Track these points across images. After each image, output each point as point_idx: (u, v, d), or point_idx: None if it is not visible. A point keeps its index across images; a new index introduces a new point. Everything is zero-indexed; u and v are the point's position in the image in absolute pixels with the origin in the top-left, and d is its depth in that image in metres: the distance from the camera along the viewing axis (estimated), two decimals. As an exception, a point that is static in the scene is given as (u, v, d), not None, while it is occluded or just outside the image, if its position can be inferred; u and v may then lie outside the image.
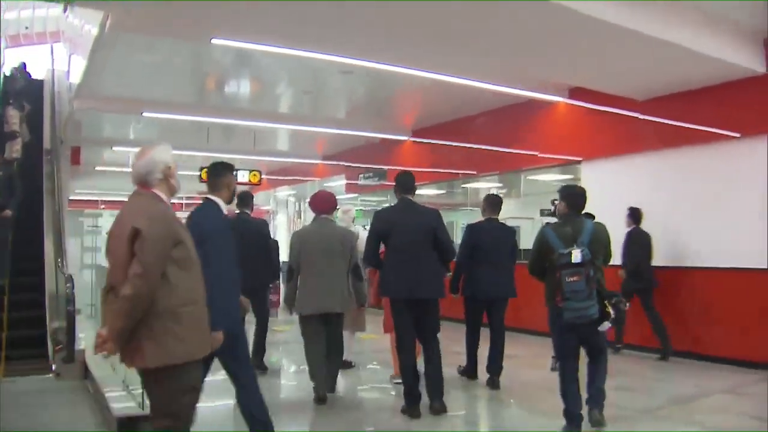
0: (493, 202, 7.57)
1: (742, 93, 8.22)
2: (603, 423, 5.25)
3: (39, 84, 14.24)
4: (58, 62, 14.84)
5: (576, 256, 4.91)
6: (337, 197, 7.12)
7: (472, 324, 7.44)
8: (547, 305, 5.37)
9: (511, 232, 7.68)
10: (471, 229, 7.62)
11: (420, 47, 7.63)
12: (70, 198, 17.02)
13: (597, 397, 5.30)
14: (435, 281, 5.93)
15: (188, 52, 9.09)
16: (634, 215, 8.90)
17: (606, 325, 5.02)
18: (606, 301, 5.01)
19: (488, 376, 7.15)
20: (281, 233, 21.91)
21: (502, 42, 7.33)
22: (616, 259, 7.84)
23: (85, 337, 8.08)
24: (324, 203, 6.70)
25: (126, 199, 3.56)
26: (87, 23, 9.15)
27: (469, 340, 7.48)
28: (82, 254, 15.58)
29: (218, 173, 4.72)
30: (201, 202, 4.53)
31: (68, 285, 7.85)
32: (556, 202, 6.15)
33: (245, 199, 7.94)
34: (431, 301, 5.96)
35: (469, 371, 7.47)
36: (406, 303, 5.88)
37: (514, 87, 9.13)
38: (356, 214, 10.99)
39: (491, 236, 7.33)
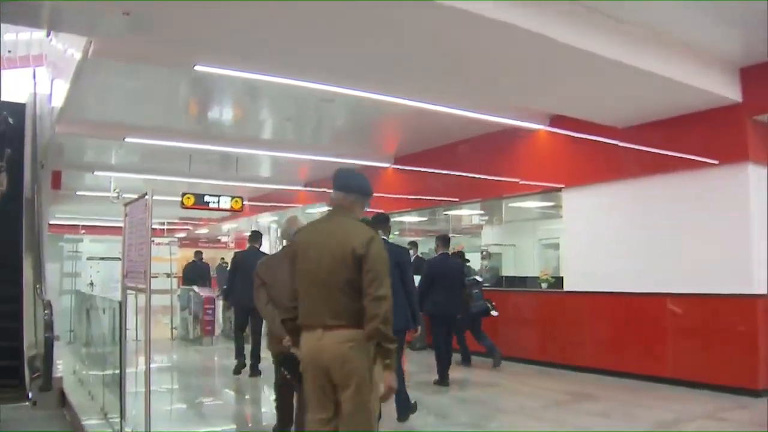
0: (444, 240, 9.55)
1: (719, 121, 8.34)
2: None
3: (21, 109, 14.16)
4: (40, 86, 14.78)
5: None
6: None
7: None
8: None
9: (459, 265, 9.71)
10: (429, 264, 9.69)
11: (401, 76, 7.69)
12: (50, 222, 16.89)
13: None
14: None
15: (171, 78, 9.09)
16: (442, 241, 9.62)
17: None
18: None
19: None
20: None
21: (484, 70, 7.40)
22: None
23: (63, 364, 7.97)
24: None
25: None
26: (70, 47, 9.13)
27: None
28: (62, 280, 15.39)
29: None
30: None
31: (47, 311, 7.75)
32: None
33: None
34: None
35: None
36: None
37: (495, 115, 9.23)
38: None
39: (445, 267, 9.21)
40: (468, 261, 11.71)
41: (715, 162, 8.33)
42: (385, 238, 6.49)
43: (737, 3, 6.28)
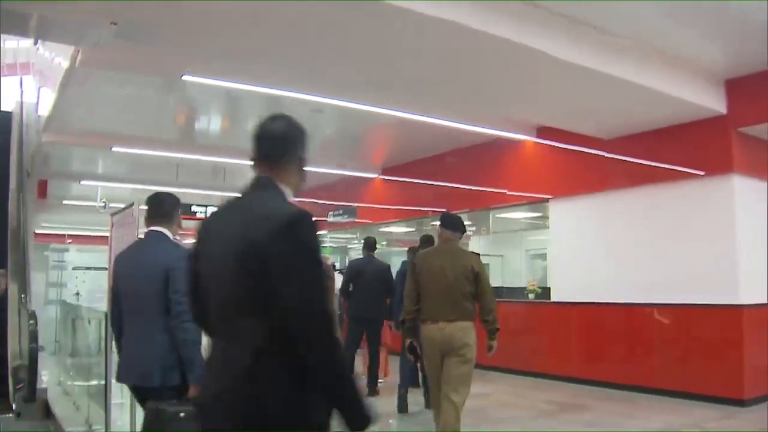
0: (369, 243, 9.47)
1: (705, 132, 8.42)
2: None
3: (7, 117, 14.09)
4: (27, 94, 14.71)
5: None
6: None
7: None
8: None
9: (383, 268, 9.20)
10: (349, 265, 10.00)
11: (389, 87, 7.72)
12: (36, 232, 16.78)
13: None
14: None
15: (159, 87, 9.08)
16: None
17: None
18: None
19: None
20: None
21: (470, 82, 7.43)
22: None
23: (48, 375, 7.91)
24: None
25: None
26: (57, 56, 9.11)
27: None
28: (47, 289, 15.28)
29: None
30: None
31: (32, 321, 7.69)
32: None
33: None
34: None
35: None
36: None
37: (482, 126, 9.26)
38: (327, 251, 11.01)
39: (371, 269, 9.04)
40: None
41: (701, 173, 8.39)
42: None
43: (721, 17, 6.35)
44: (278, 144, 2.52)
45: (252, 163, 2.49)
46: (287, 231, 2.03)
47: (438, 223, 5.93)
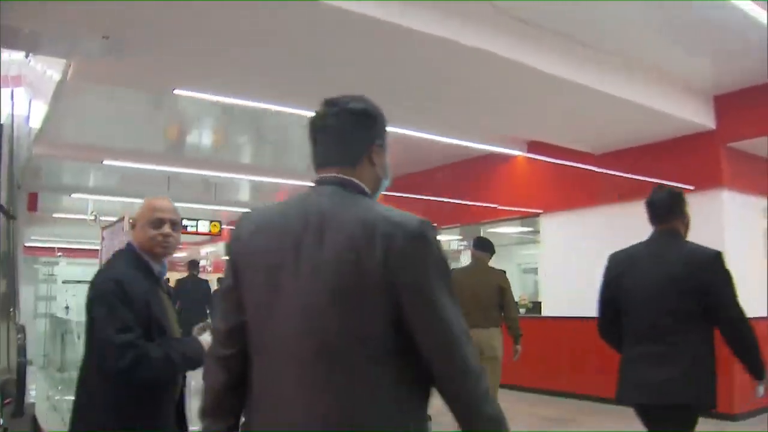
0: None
1: (694, 147, 8.48)
2: None
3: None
4: (18, 107, 14.68)
5: None
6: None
7: None
8: None
9: None
10: None
11: (380, 102, 7.72)
12: (26, 244, 16.70)
13: None
14: None
15: (150, 101, 9.08)
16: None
17: None
18: None
19: None
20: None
21: (462, 97, 7.47)
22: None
23: (36, 389, 7.86)
24: None
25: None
26: (49, 69, 9.11)
27: None
28: (36, 303, 15.20)
29: None
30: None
31: (20, 336, 7.65)
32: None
33: None
34: None
35: None
36: None
37: (473, 141, 9.29)
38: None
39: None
40: None
41: (691, 188, 8.43)
42: None
43: (709, 33, 6.41)
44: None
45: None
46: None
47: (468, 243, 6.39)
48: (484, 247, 7.07)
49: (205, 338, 2.78)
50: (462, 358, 1.68)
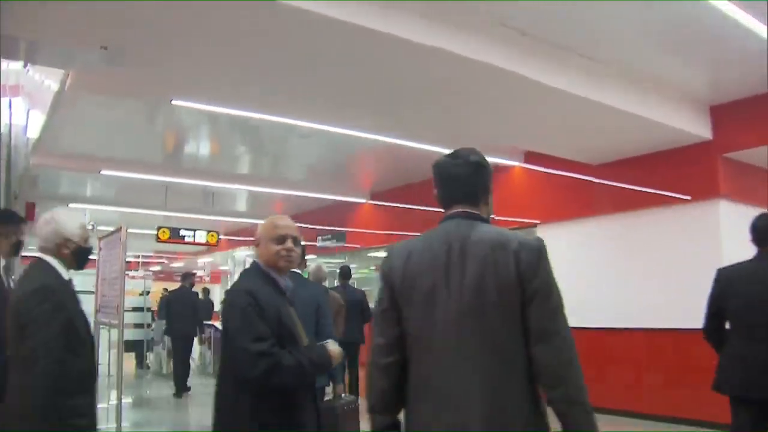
0: (343, 272, 9.83)
1: (691, 158, 8.50)
2: None
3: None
4: (16, 116, 14.66)
5: None
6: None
7: None
8: None
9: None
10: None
11: (378, 113, 7.76)
12: (23, 255, 16.64)
13: None
14: None
15: (148, 111, 9.10)
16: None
17: None
18: None
19: None
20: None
21: (459, 107, 7.48)
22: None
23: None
24: None
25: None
26: (47, 78, 9.11)
27: None
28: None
29: None
30: None
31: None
32: None
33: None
34: None
35: None
36: None
37: (471, 151, 9.30)
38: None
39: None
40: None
41: (688, 198, 8.45)
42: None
43: (705, 44, 6.43)
44: None
45: None
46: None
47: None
48: None
49: (331, 346, 3.11)
50: (562, 337, 2.23)
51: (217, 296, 21.01)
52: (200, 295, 14.45)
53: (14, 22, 4.90)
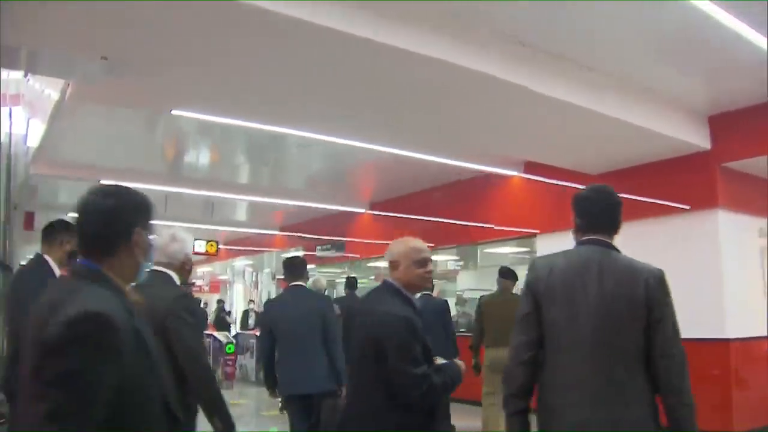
0: (350, 282, 10.06)
1: (689, 168, 8.51)
2: None
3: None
4: (16, 125, 14.67)
5: None
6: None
7: None
8: None
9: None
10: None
11: (377, 123, 7.78)
12: (22, 263, 16.61)
13: None
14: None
15: (147, 121, 9.11)
16: None
17: None
18: None
19: None
20: (238, 303, 21.65)
21: (458, 118, 7.51)
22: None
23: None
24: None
25: None
26: (47, 88, 9.13)
27: None
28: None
29: None
30: None
31: (15, 355, 7.59)
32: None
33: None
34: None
35: None
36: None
37: (470, 162, 9.32)
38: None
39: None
40: None
41: (687, 207, 8.46)
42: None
43: (703, 55, 6.45)
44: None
45: None
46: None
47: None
48: (508, 275, 8.03)
49: (458, 362, 3.40)
50: (680, 352, 2.80)
51: (213, 306, 20.99)
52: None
53: (15, 31, 4.92)
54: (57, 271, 4.30)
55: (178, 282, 3.62)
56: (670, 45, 6.26)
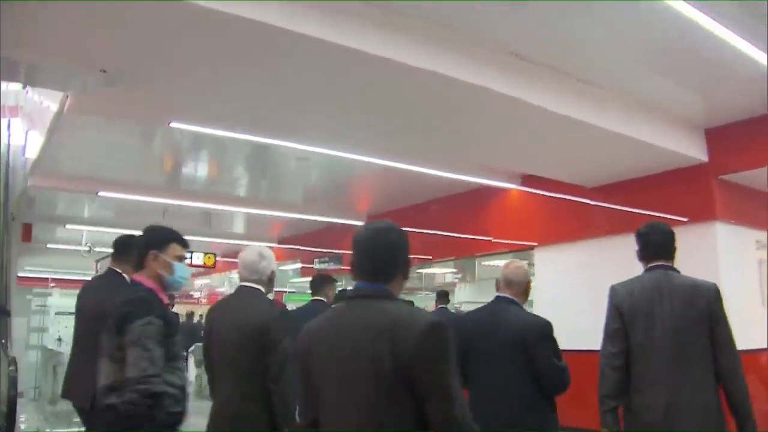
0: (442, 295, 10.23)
1: (687, 180, 8.53)
2: None
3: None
4: (14, 137, 14.67)
5: None
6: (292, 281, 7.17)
7: None
8: None
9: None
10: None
11: (375, 136, 7.79)
12: (19, 275, 16.62)
13: None
14: None
15: (146, 133, 9.12)
16: None
17: None
18: None
19: None
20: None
21: (456, 131, 7.52)
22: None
23: (26, 422, 7.77)
24: None
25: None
26: (46, 99, 9.15)
27: None
28: (29, 334, 15.07)
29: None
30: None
31: (11, 368, 7.57)
32: None
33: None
34: None
35: None
36: None
37: (467, 174, 9.34)
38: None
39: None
40: None
41: (684, 220, 8.47)
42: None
43: (700, 67, 6.48)
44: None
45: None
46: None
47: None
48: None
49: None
50: (735, 349, 3.57)
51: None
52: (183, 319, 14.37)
53: (14, 44, 4.93)
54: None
55: (269, 296, 4.01)
56: (667, 58, 6.29)
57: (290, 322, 3.71)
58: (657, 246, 3.85)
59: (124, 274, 4.44)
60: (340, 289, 10.40)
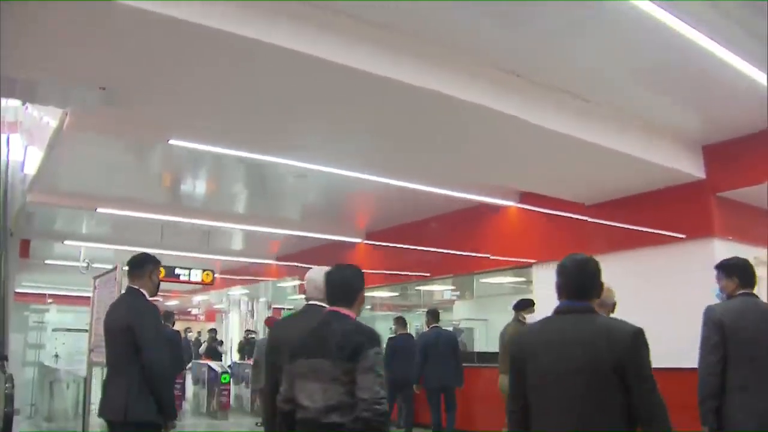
0: (434, 314, 10.02)
1: (684, 197, 8.54)
2: None
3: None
4: (13, 153, 14.67)
5: None
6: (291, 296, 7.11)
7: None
8: None
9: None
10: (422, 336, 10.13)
11: (373, 154, 7.81)
12: (17, 291, 16.58)
13: None
14: None
15: (145, 150, 9.12)
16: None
17: None
18: None
19: None
20: (234, 332, 21.55)
21: (453, 150, 7.55)
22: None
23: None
24: None
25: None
26: (45, 115, 9.17)
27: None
28: (25, 351, 15.02)
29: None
30: None
31: (8, 385, 7.53)
32: None
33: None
34: None
35: None
36: None
37: (465, 192, 9.36)
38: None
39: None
40: None
41: (682, 236, 8.47)
42: None
43: (697, 85, 6.51)
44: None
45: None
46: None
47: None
48: (519, 306, 8.66)
49: None
50: None
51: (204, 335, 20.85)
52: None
53: (13, 61, 4.95)
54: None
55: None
56: (665, 76, 6.31)
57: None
58: (746, 277, 4.66)
59: (142, 290, 4.59)
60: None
